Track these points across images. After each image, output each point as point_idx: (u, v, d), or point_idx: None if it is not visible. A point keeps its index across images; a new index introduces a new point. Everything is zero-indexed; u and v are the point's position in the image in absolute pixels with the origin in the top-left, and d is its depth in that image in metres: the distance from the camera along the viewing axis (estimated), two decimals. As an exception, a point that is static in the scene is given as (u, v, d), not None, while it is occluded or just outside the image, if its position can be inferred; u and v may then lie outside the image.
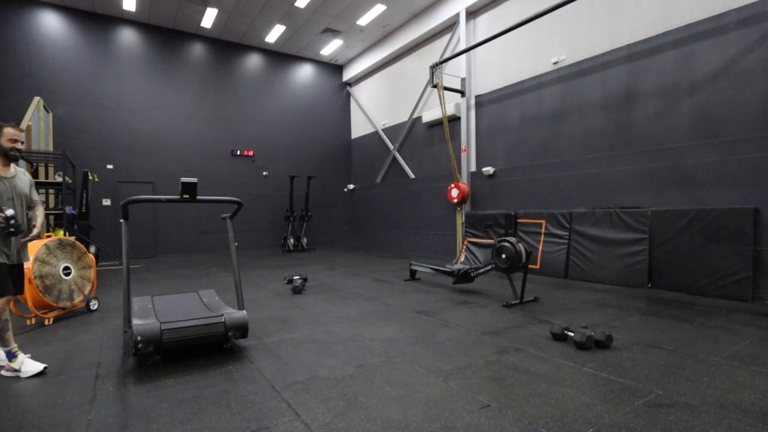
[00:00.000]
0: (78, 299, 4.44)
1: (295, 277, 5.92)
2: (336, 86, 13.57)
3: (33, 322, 4.11)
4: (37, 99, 7.80)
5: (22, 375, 2.78)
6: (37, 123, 7.73)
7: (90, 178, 8.37)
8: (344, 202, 13.70)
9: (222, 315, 3.19)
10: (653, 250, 5.63)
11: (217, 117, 11.49)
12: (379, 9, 9.76)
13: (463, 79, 8.93)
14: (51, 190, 7.97)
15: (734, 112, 5.19)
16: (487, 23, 8.57)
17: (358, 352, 3.22)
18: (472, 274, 5.59)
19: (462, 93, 8.97)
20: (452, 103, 9.04)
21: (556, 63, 7.26)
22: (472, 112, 8.94)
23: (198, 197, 3.17)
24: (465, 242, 8.43)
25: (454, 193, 8.74)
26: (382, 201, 11.92)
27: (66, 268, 4.31)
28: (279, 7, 9.72)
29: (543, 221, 7.12)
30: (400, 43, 10.73)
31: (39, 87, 9.09)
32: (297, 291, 5.62)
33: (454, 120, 9.19)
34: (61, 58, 9.54)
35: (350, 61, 13.07)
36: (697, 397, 2.37)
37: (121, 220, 3.10)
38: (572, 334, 3.30)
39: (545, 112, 7.47)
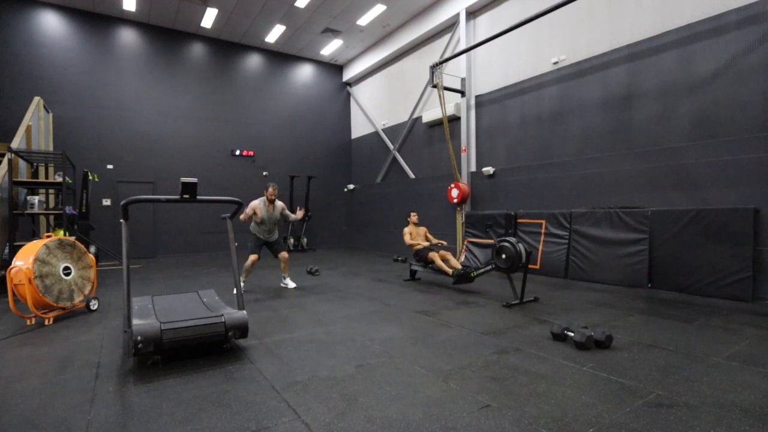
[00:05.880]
0: (78, 299, 4.44)
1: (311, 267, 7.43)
2: (336, 86, 13.57)
3: (33, 322, 4.11)
4: (37, 99, 7.79)
5: None
6: (37, 123, 7.73)
7: (90, 178, 8.36)
8: (344, 202, 13.69)
9: (222, 315, 3.18)
10: (653, 250, 5.63)
11: (217, 117, 11.49)
12: (379, 9, 9.76)
13: (463, 79, 8.93)
14: (51, 190, 7.96)
15: (734, 112, 5.19)
16: (487, 23, 8.57)
17: (358, 352, 3.22)
18: (472, 275, 5.59)
19: (462, 93, 8.96)
20: (452, 103, 9.04)
21: (556, 63, 7.26)
22: (472, 112, 8.93)
23: (198, 197, 3.17)
24: (465, 242, 8.43)
25: (454, 193, 8.74)
26: (382, 201, 11.91)
27: (66, 268, 4.31)
28: (279, 7, 9.72)
29: (543, 221, 7.12)
30: (400, 43, 10.72)
31: (39, 87, 9.08)
32: (312, 273, 7.32)
33: (454, 120, 9.18)
34: (61, 58, 9.54)
35: (350, 61, 13.06)
36: (697, 397, 2.37)
37: (122, 220, 3.09)
38: (572, 334, 3.30)
39: (545, 112, 7.47)
